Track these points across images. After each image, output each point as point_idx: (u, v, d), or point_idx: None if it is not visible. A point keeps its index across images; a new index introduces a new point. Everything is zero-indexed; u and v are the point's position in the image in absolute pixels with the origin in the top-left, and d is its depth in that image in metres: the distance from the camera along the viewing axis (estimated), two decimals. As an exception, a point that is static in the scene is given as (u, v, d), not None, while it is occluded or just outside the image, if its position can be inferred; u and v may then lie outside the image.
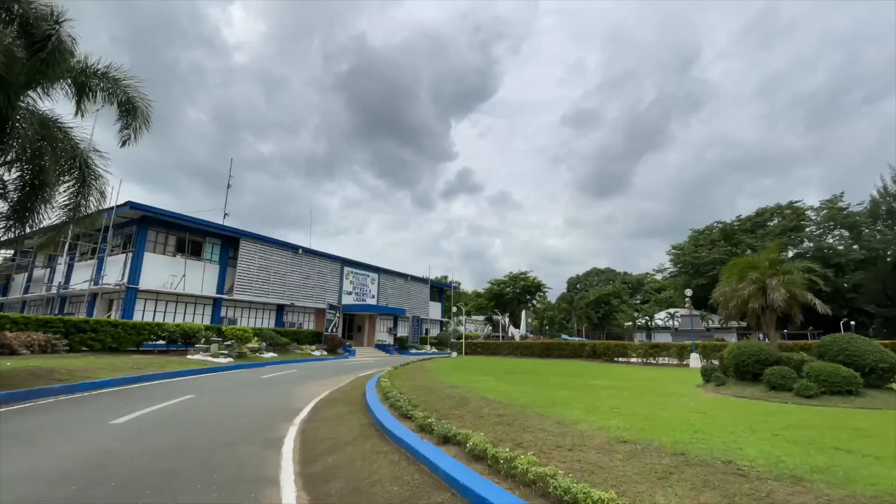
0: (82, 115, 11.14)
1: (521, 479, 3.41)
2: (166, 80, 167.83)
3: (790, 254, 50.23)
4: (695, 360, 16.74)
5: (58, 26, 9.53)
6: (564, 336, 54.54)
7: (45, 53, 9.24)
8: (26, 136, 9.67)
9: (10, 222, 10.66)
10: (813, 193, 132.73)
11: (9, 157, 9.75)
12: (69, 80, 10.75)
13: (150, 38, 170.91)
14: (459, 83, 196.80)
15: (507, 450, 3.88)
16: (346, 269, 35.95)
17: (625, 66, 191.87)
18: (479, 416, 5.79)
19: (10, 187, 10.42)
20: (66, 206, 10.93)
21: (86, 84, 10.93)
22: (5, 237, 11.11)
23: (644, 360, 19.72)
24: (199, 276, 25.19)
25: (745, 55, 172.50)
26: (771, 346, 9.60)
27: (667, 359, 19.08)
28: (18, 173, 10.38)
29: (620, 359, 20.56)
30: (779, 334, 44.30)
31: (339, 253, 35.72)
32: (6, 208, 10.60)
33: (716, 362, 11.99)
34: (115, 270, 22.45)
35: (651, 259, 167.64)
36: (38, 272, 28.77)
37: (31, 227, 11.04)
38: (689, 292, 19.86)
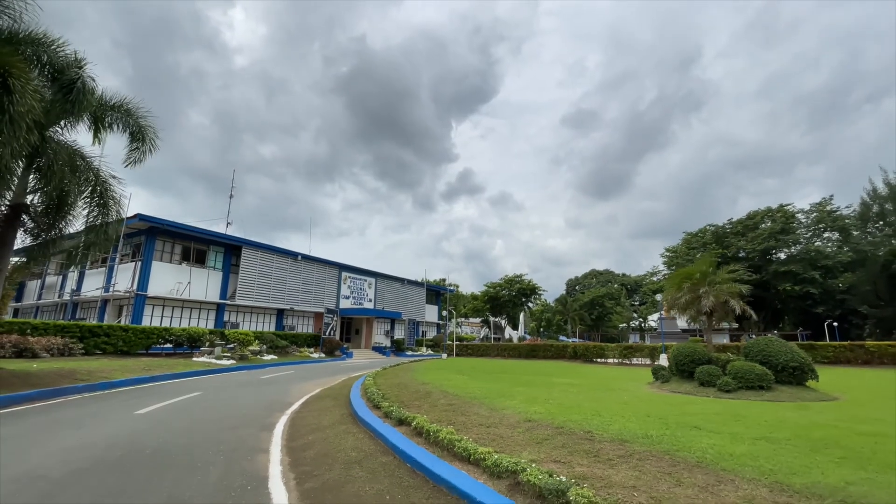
0: (99, 143, 12.54)
1: (440, 444, 4.76)
2: (167, 83, 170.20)
3: (783, 255, 51.44)
4: (664, 360, 17.99)
5: (81, 70, 10.95)
6: (562, 337, 55.73)
7: (72, 95, 10.68)
8: (53, 167, 11.06)
9: (37, 240, 12.09)
10: (816, 192, 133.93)
11: (40, 185, 11.17)
12: (88, 113, 12.12)
13: (151, 41, 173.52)
14: (460, 84, 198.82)
15: (436, 426, 5.22)
16: (344, 274, 37.35)
17: (625, 65, 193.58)
18: (434, 406, 7.13)
19: (40, 209, 11.83)
20: (86, 225, 12.31)
21: (102, 116, 12.31)
22: (32, 252, 12.58)
23: (620, 360, 21.01)
24: (203, 283, 26.61)
25: (746, 54, 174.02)
26: (707, 347, 10.89)
27: (640, 359, 20.38)
28: (46, 197, 11.79)
29: (599, 359, 21.85)
30: (775, 334, 45.21)
31: (340, 255, 37.41)
32: (34, 227, 12.02)
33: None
34: (124, 278, 23.89)
35: (653, 260, 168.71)
36: (51, 279, 30.27)
37: (54, 243, 12.49)
38: (659, 297, 21.14)
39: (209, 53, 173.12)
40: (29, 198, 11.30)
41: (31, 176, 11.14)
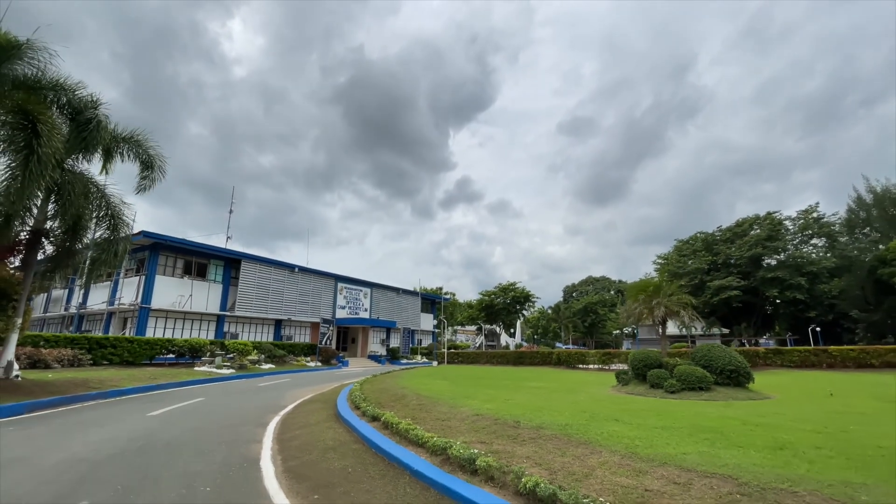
0: (107, 174, 13.69)
1: (400, 433, 5.92)
2: (166, 94, 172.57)
3: (773, 261, 52.78)
4: (639, 366, 19.11)
5: (96, 111, 12.23)
6: (559, 344, 56.72)
7: (88, 133, 11.95)
8: (71, 196, 12.27)
9: (56, 260, 13.29)
10: (813, 197, 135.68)
11: (58, 212, 12.38)
12: (101, 146, 13.32)
13: (150, 52, 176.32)
14: (457, 93, 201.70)
15: (398, 419, 6.38)
16: (340, 284, 38.50)
17: (620, 73, 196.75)
18: (406, 405, 8.28)
19: (57, 233, 13.02)
20: (97, 245, 13.50)
21: (114, 148, 13.50)
22: (49, 269, 13.77)
23: (600, 366, 22.11)
24: (204, 295, 27.76)
25: (740, 60, 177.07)
26: (661, 351, 12.06)
27: (619, 364, 21.46)
28: (63, 223, 12.98)
29: (581, 365, 22.96)
30: (773, 339, 46.14)
31: (339, 264, 38.98)
32: (53, 250, 13.21)
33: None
34: (129, 292, 25.05)
35: (651, 266, 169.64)
36: (57, 292, 31.38)
37: (70, 263, 13.69)
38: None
39: (208, 64, 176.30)
40: (48, 224, 12.50)
41: (51, 205, 12.34)
